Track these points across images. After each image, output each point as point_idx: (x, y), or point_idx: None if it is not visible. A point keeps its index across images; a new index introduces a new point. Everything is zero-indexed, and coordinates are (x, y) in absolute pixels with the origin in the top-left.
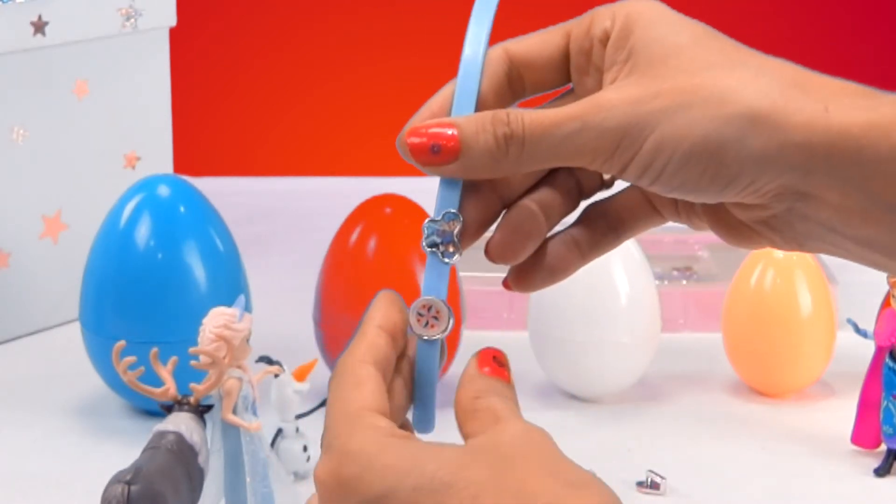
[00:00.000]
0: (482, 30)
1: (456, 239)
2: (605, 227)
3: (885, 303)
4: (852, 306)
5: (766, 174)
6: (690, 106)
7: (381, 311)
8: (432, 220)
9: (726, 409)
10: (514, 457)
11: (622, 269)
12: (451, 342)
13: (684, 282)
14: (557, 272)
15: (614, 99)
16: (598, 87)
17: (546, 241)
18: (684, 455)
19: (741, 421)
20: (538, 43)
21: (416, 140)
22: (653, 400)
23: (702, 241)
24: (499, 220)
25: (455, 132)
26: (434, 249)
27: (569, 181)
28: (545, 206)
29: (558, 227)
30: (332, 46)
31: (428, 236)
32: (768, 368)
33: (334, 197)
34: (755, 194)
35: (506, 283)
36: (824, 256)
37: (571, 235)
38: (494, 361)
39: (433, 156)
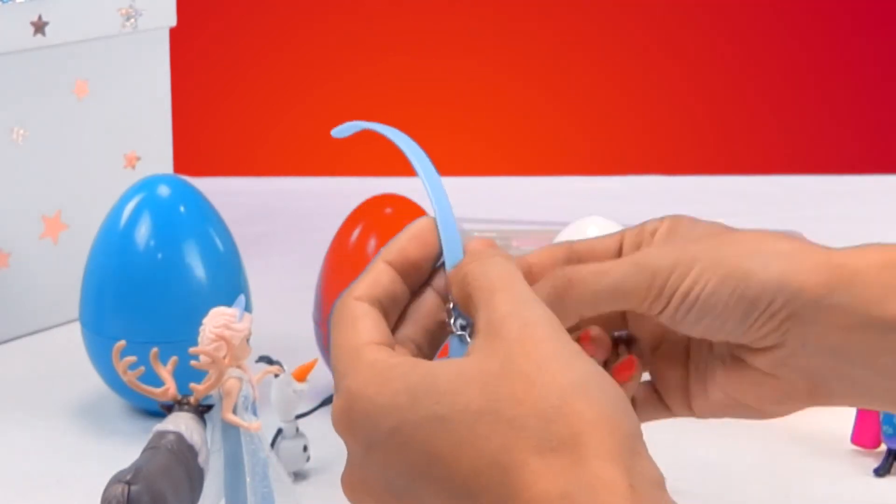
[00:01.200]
0: (436, 178)
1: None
2: None
3: None
4: None
5: (783, 294)
6: (728, 245)
7: (396, 246)
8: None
9: None
10: (506, 372)
11: None
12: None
13: None
14: None
15: (661, 249)
16: None
17: None
18: (684, 455)
19: (741, 421)
20: (598, 241)
21: None
22: None
23: None
24: None
25: None
26: (463, 332)
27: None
28: None
29: None
30: (332, 46)
31: (456, 319)
32: None
33: (334, 197)
34: (772, 319)
35: None
36: None
37: None
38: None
39: None
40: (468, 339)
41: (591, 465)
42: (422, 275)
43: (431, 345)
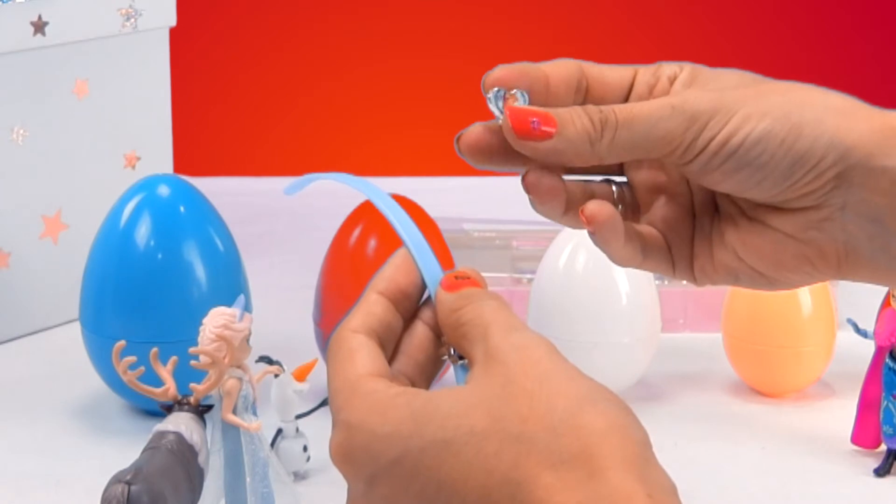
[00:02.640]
0: (398, 213)
1: None
2: (635, 239)
3: (885, 303)
4: (852, 306)
5: (835, 152)
6: (775, 94)
7: (385, 276)
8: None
9: (726, 409)
10: (509, 394)
11: (622, 269)
12: None
13: (684, 282)
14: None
15: (699, 92)
16: None
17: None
18: (684, 455)
19: (741, 421)
20: (608, 68)
21: (516, 115)
22: (653, 400)
23: None
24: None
25: (551, 115)
26: (464, 360)
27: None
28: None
29: None
30: (332, 46)
31: (454, 350)
32: (768, 368)
33: (334, 197)
34: (818, 178)
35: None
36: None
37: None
38: (458, 280)
39: (532, 129)
40: (468, 368)
41: (608, 476)
42: (412, 303)
43: (424, 378)
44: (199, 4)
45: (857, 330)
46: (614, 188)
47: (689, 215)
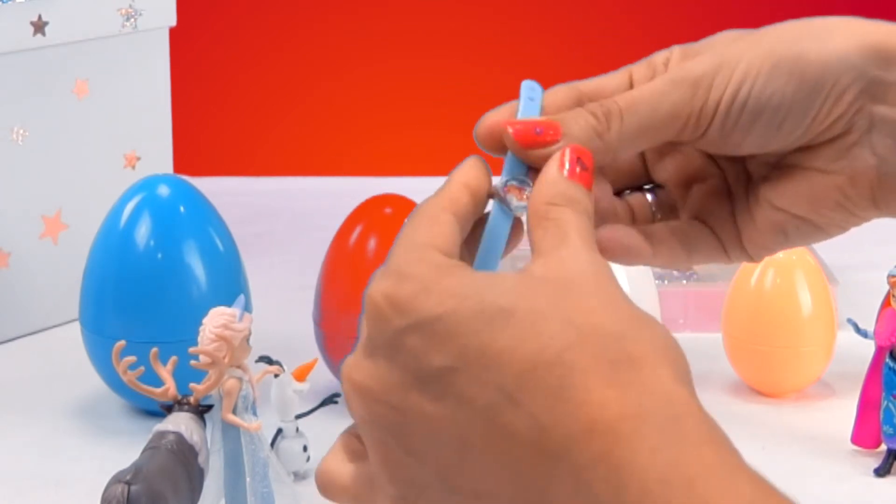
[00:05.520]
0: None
1: (526, 199)
2: (677, 243)
3: (885, 303)
4: (852, 306)
5: (849, 72)
6: (770, 36)
7: (467, 171)
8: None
9: (726, 409)
10: (578, 287)
11: (622, 268)
12: None
13: (684, 282)
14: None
15: (694, 59)
16: None
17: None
18: None
19: (741, 421)
20: (604, 78)
21: (518, 127)
22: None
23: None
24: None
25: (553, 120)
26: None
27: (626, 210)
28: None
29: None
30: (332, 46)
31: (504, 184)
32: (768, 368)
33: (334, 197)
34: (839, 103)
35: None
36: (825, 256)
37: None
38: (578, 164)
39: (536, 136)
40: (514, 206)
41: (663, 382)
42: (483, 206)
43: None
44: (199, 4)
45: (857, 330)
46: (648, 196)
47: (726, 195)
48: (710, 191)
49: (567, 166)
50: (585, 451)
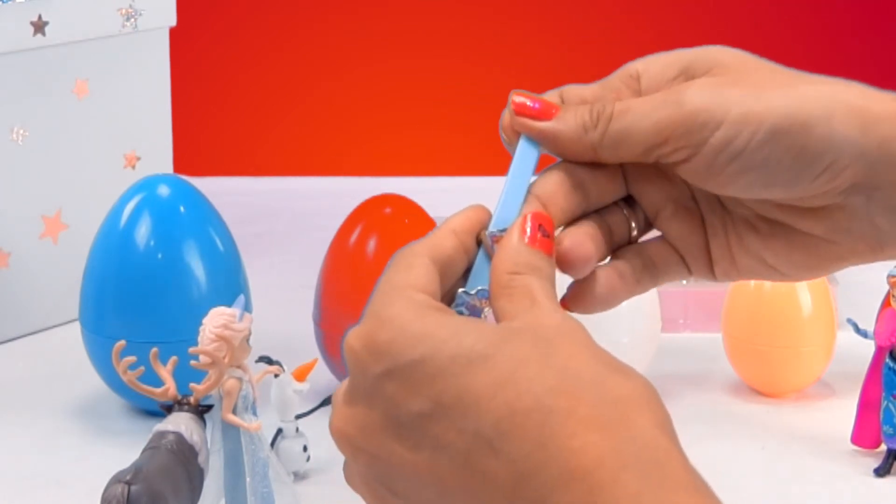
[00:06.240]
0: (528, 156)
1: (484, 317)
2: (641, 267)
3: (885, 303)
4: (852, 306)
5: (848, 155)
6: (776, 89)
7: (459, 216)
8: (465, 292)
9: (726, 409)
10: (555, 338)
11: None
12: None
13: (684, 282)
14: (608, 298)
15: (693, 84)
16: None
17: (596, 269)
18: None
19: (741, 421)
20: (577, 88)
21: (521, 97)
22: None
23: None
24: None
25: (555, 104)
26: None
27: (604, 227)
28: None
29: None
30: (332, 46)
31: (458, 305)
32: (768, 368)
33: (334, 197)
34: (832, 181)
35: (563, 303)
36: None
37: (617, 267)
38: (540, 230)
39: (531, 109)
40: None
41: (643, 427)
42: (471, 254)
43: None
44: (199, 4)
45: (857, 330)
46: (624, 210)
47: (699, 222)
48: (684, 217)
49: (528, 233)
50: (565, 497)
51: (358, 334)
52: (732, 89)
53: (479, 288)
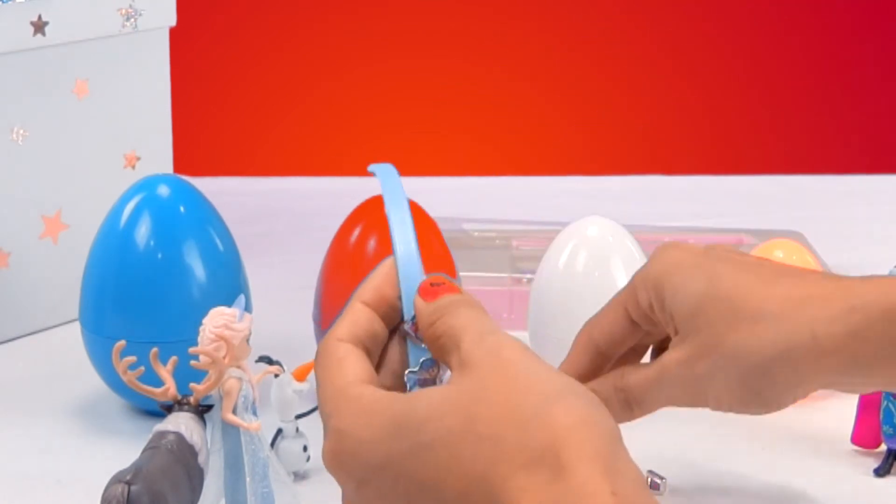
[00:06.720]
0: (402, 218)
1: (439, 383)
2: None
3: None
4: None
5: (784, 368)
6: (726, 366)
7: (370, 286)
8: (412, 372)
9: None
10: (481, 392)
11: (622, 268)
12: None
13: None
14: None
15: (672, 362)
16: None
17: None
18: (684, 456)
19: (741, 421)
20: (609, 324)
21: None
22: None
23: (702, 241)
24: None
25: None
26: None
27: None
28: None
29: None
30: (332, 46)
31: (411, 388)
32: None
33: (334, 197)
34: (771, 389)
35: None
36: (825, 256)
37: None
38: (433, 287)
39: None
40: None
41: (574, 474)
42: (397, 313)
43: (404, 390)
44: (199, 4)
45: None
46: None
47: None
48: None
49: (427, 294)
50: None
51: (328, 448)
52: (699, 364)
53: (422, 360)
